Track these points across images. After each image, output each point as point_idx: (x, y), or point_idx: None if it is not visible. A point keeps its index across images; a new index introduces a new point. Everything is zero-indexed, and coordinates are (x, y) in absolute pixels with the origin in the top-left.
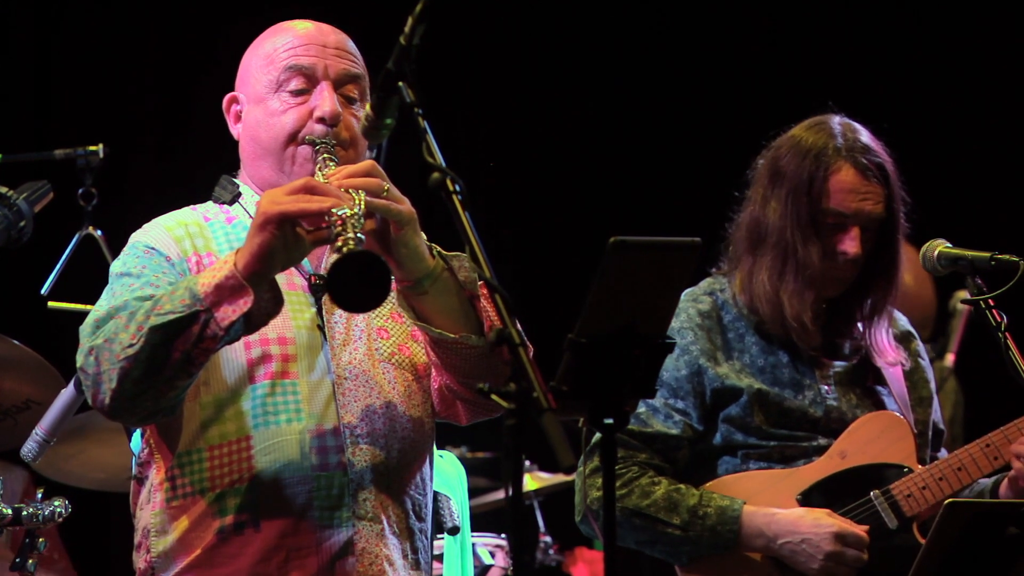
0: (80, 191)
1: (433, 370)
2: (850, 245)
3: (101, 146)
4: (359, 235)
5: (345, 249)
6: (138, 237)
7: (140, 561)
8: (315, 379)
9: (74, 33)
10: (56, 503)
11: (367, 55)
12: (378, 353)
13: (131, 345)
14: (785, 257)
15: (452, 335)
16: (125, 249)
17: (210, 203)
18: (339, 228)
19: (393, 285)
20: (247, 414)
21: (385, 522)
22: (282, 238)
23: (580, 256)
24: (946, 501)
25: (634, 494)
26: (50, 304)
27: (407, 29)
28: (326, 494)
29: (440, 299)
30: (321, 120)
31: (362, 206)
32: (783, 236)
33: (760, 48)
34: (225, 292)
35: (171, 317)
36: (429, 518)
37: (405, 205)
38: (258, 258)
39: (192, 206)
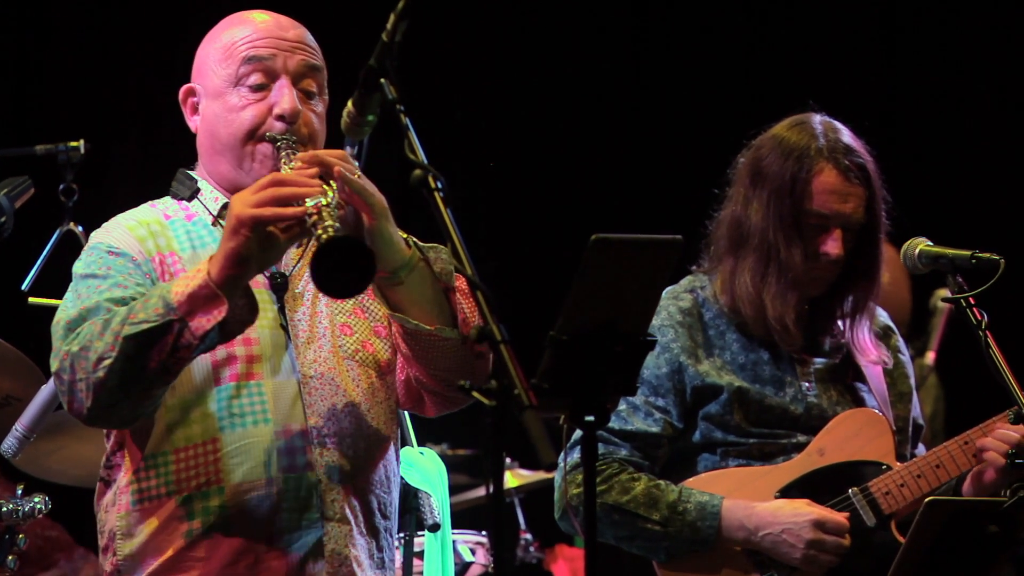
0: (61, 187)
1: (400, 361)
2: (832, 246)
3: (82, 142)
4: (337, 223)
5: (324, 236)
6: (100, 238)
7: (106, 564)
8: (281, 379)
9: (55, 28)
10: (36, 499)
11: (331, 44)
12: (342, 351)
13: (107, 356)
14: (767, 259)
15: (428, 327)
16: (87, 249)
17: (168, 199)
18: (315, 217)
19: None
20: (213, 416)
21: (353, 522)
22: (256, 241)
23: (561, 253)
24: (926, 499)
25: (614, 490)
26: (30, 300)
27: (389, 26)
28: (294, 496)
29: (416, 290)
30: (280, 117)
31: (334, 195)
32: (765, 237)
33: (741, 46)
34: (199, 301)
35: (145, 327)
36: (394, 516)
37: (378, 195)
38: (233, 263)
39: (151, 203)
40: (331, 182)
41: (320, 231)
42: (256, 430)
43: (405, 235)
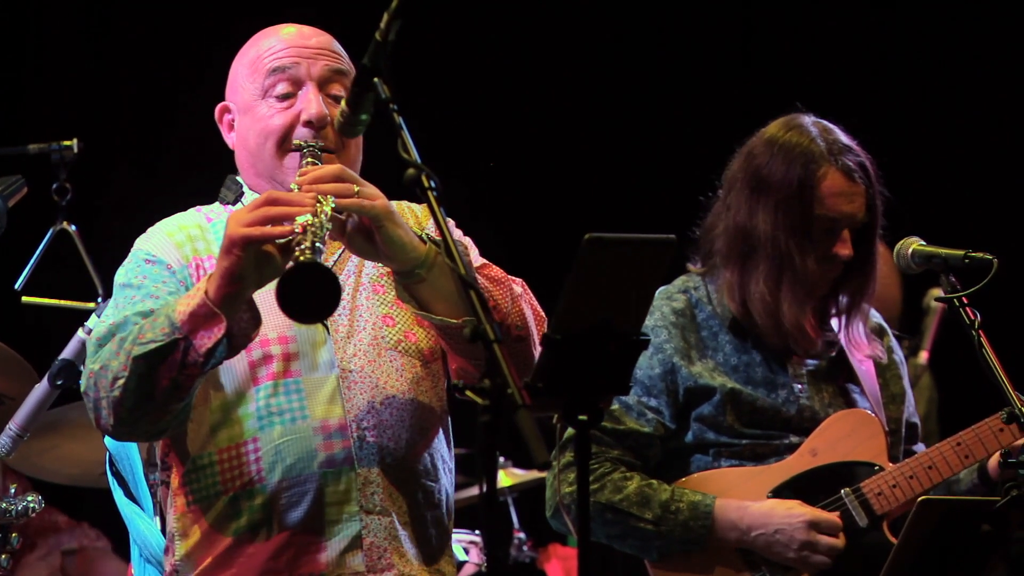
0: (54, 186)
1: (448, 353)
2: (843, 248)
3: (75, 141)
4: (317, 244)
5: (302, 259)
6: (140, 245)
7: (167, 565)
8: (319, 375)
9: (49, 27)
10: (29, 498)
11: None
12: (384, 341)
13: (121, 376)
14: (781, 267)
15: (454, 321)
16: (129, 256)
17: (216, 204)
18: (299, 236)
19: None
20: (252, 416)
21: (395, 514)
22: (250, 259)
23: (555, 253)
24: (919, 498)
25: (606, 489)
26: (24, 299)
27: (383, 25)
28: (333, 490)
29: (438, 284)
30: (308, 123)
31: (328, 211)
32: (777, 246)
33: (731, 45)
34: (199, 320)
35: (152, 346)
36: (445, 504)
37: (379, 200)
38: (228, 282)
39: (197, 207)
40: (327, 196)
41: (297, 252)
42: (294, 427)
43: (418, 232)
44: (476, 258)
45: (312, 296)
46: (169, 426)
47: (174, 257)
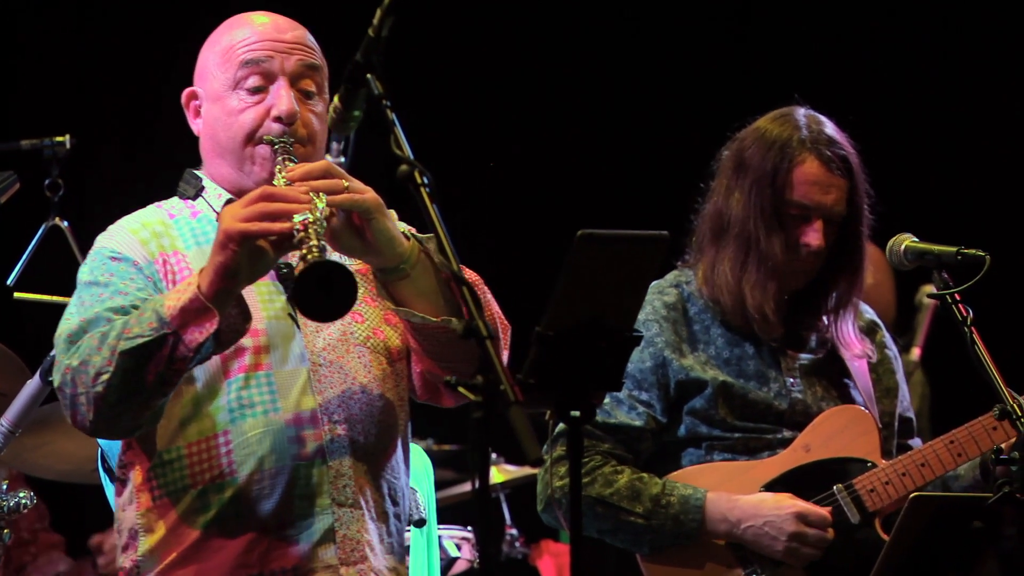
0: (47, 182)
1: (413, 356)
2: (813, 237)
3: (68, 136)
4: (322, 242)
5: (310, 257)
6: (103, 243)
7: (126, 561)
8: (289, 368)
9: (40, 22)
10: (21, 494)
11: (334, 46)
12: (353, 337)
13: (104, 371)
14: (747, 248)
15: (434, 319)
16: (90, 255)
17: (175, 199)
18: (302, 234)
19: (364, 268)
20: (223, 409)
21: (364, 507)
22: (245, 255)
23: (547, 249)
24: (911, 495)
25: (597, 483)
26: (16, 295)
27: (376, 21)
28: (305, 483)
29: (421, 282)
30: (278, 119)
31: (324, 208)
32: (746, 227)
33: (726, 40)
34: (190, 315)
35: (140, 341)
36: (404, 502)
37: (369, 194)
38: (222, 277)
39: (157, 203)
40: (320, 193)
41: (305, 251)
42: (266, 419)
43: (405, 229)
44: None
45: (328, 295)
46: (147, 423)
47: (140, 254)
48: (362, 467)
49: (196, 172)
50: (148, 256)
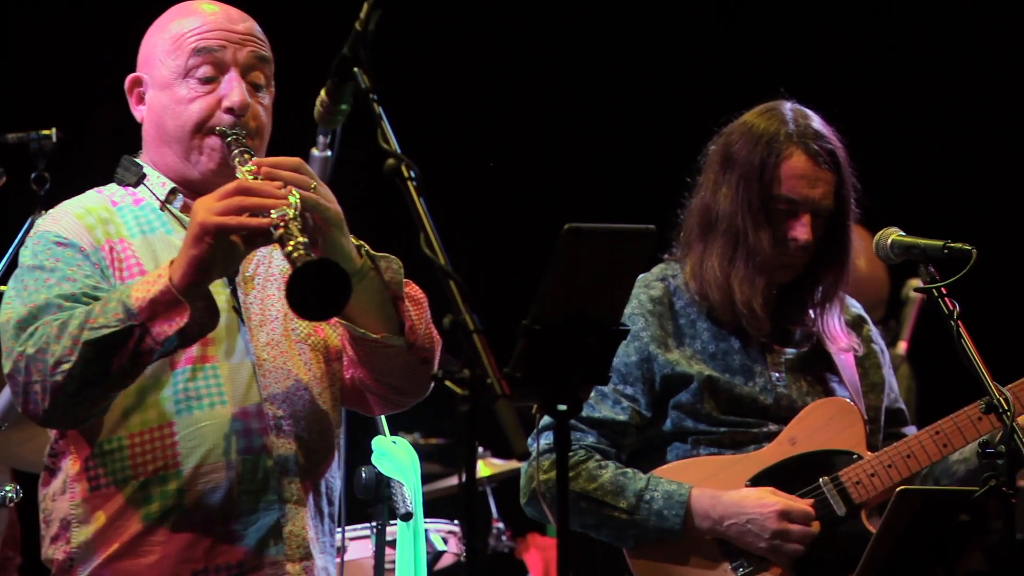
0: (33, 175)
1: (347, 360)
2: (800, 231)
3: (54, 130)
4: (305, 238)
5: (296, 254)
6: (47, 227)
7: (58, 552)
8: (235, 362)
9: (27, 16)
10: (7, 488)
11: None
12: (294, 334)
13: (65, 360)
14: (736, 243)
15: (374, 335)
16: (33, 238)
17: (114, 185)
18: (281, 231)
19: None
20: (168, 400)
21: (307, 504)
22: (220, 249)
23: (535, 243)
24: (898, 488)
25: (581, 477)
26: (2, 288)
27: (363, 15)
28: (251, 478)
29: (364, 297)
30: (230, 110)
31: (298, 203)
32: (733, 222)
33: (712, 34)
34: (160, 307)
35: (105, 332)
36: (336, 503)
37: (335, 205)
38: (196, 270)
39: (97, 189)
40: (294, 191)
41: (291, 248)
42: (213, 412)
43: (358, 243)
44: None
45: (320, 293)
46: (100, 413)
47: (86, 240)
48: (305, 465)
49: (135, 159)
50: (94, 242)
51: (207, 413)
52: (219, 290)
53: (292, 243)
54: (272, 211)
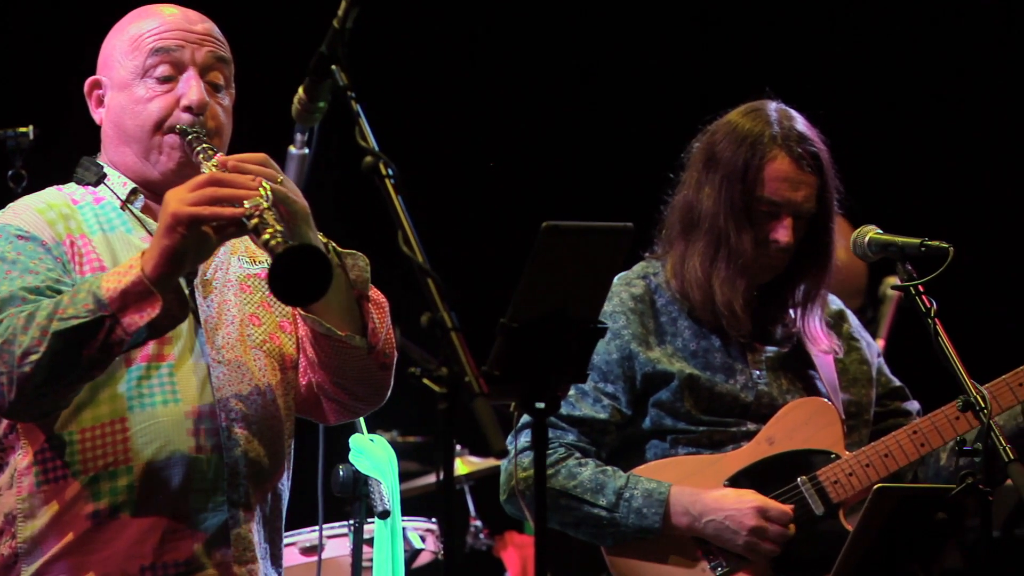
0: (10, 173)
1: (303, 365)
2: (783, 234)
3: (31, 128)
4: (280, 226)
5: (275, 243)
6: (8, 220)
7: (3, 548)
8: (191, 362)
9: (3, 13)
10: None
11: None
12: (250, 339)
13: (33, 351)
14: (718, 244)
15: (339, 332)
16: None
17: (73, 184)
18: (256, 220)
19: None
20: (122, 396)
21: (255, 509)
22: (192, 239)
23: (513, 241)
24: (875, 486)
25: (560, 475)
26: None
27: (340, 12)
28: (202, 477)
29: (330, 295)
30: (188, 109)
31: (270, 195)
32: (716, 223)
33: (695, 31)
34: (131, 298)
35: (75, 323)
36: (283, 512)
37: (301, 199)
38: (168, 261)
39: (56, 187)
40: (264, 183)
41: (268, 236)
42: (166, 410)
43: (325, 240)
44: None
45: (302, 279)
46: (65, 405)
47: (48, 234)
48: (255, 469)
49: (96, 159)
50: (56, 237)
51: (159, 411)
52: None
53: (269, 231)
54: (245, 201)
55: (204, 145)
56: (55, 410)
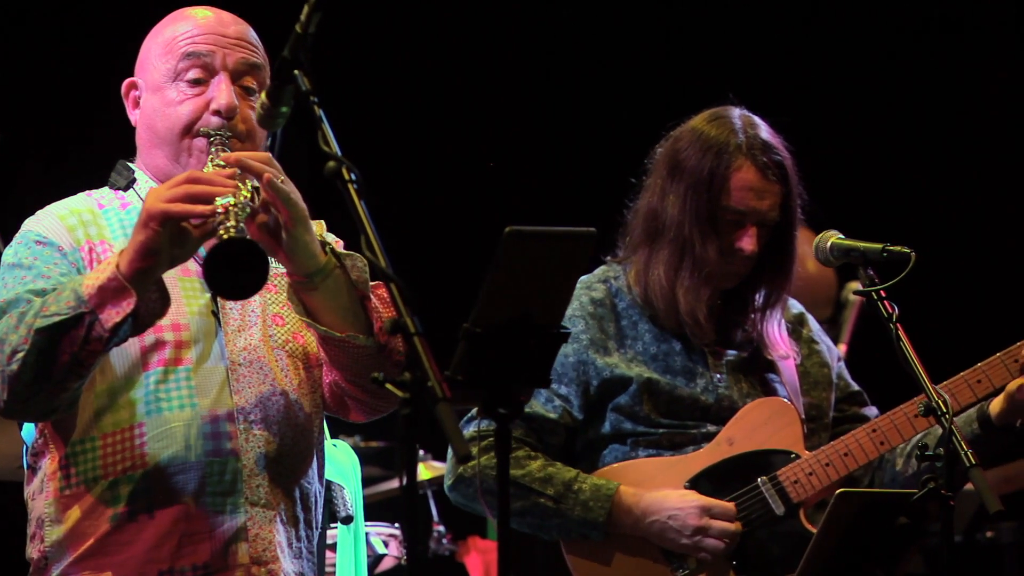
0: None
1: (324, 365)
2: (748, 243)
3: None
4: (240, 224)
5: (226, 236)
6: (30, 226)
7: (34, 551)
8: (209, 365)
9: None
10: None
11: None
12: (273, 340)
13: (20, 348)
14: (682, 253)
15: (338, 333)
16: (17, 237)
17: (106, 189)
18: (221, 216)
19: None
20: (140, 401)
21: (276, 509)
22: (166, 235)
23: (476, 245)
24: (837, 491)
25: (508, 465)
26: None
27: (303, 17)
28: (218, 480)
29: (329, 296)
30: (217, 112)
31: (248, 194)
32: (681, 231)
33: (658, 36)
34: (108, 294)
35: (56, 319)
36: (316, 509)
37: (301, 202)
38: (141, 256)
39: (88, 192)
40: (246, 182)
41: (222, 231)
42: (181, 414)
43: (326, 242)
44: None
45: (240, 273)
46: (63, 405)
47: (66, 240)
48: (276, 469)
49: (129, 163)
50: (74, 242)
51: (176, 415)
52: (200, 293)
53: (224, 228)
54: (217, 199)
55: (221, 147)
56: (54, 411)
